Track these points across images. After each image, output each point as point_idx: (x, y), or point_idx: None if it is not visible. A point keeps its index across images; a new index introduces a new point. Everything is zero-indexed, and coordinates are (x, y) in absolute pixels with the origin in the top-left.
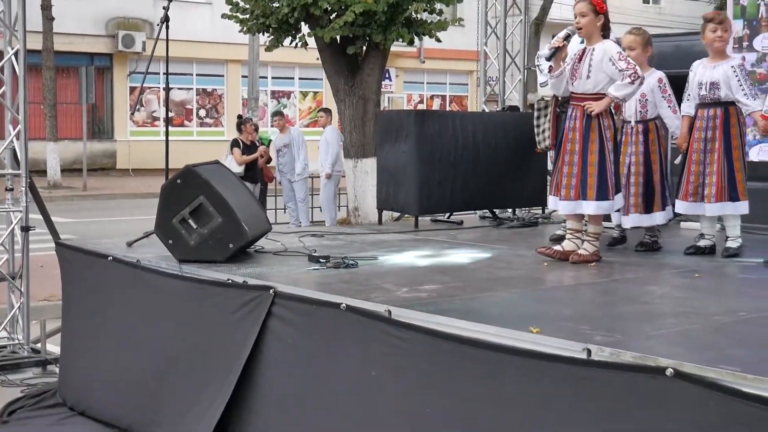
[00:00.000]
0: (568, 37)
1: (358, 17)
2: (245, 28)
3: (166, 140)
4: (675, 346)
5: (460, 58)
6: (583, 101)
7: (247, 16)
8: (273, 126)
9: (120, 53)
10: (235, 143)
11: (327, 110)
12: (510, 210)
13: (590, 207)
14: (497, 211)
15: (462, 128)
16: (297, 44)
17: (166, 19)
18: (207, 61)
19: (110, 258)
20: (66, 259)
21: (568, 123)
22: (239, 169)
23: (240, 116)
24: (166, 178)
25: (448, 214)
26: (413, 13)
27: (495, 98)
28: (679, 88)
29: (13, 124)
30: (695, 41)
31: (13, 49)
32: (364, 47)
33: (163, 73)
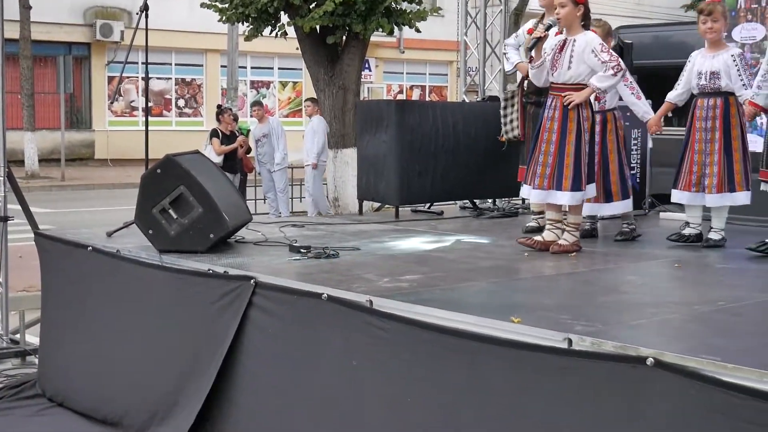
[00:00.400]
0: (549, 28)
1: (338, 7)
2: (224, 18)
3: (146, 130)
4: (655, 335)
5: (439, 49)
6: (563, 91)
7: (226, 6)
8: (252, 116)
9: (98, 42)
10: (214, 133)
11: (314, 100)
12: (490, 200)
13: (564, 197)
14: (477, 202)
15: (442, 118)
16: (276, 34)
17: (145, 8)
18: (186, 50)
19: (90, 248)
20: (45, 249)
21: (546, 112)
22: (218, 159)
23: (219, 106)
24: (145, 168)
25: (428, 205)
26: (393, 3)
27: (475, 88)
28: (659, 78)
29: None
30: (673, 32)
31: None
32: (344, 37)
33: (141, 63)
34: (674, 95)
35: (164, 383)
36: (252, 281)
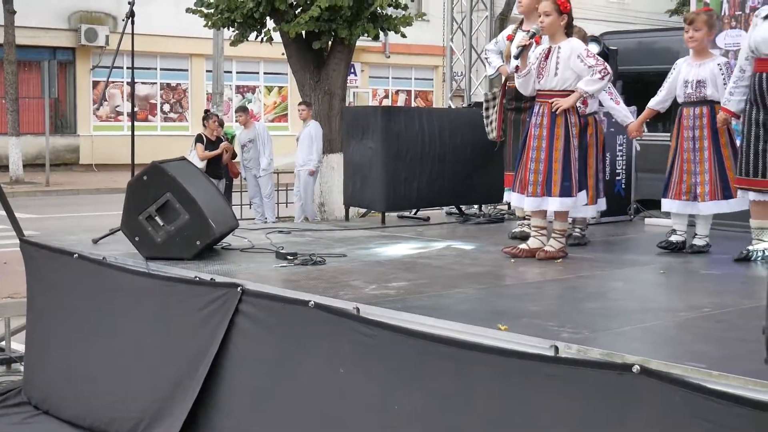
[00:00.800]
0: (533, 36)
1: (324, 12)
2: (210, 23)
3: (132, 135)
4: (641, 342)
5: (425, 53)
6: (550, 98)
7: (211, 11)
8: (237, 122)
9: (83, 47)
10: (199, 138)
11: (308, 103)
12: (476, 206)
13: (555, 203)
14: (463, 207)
15: (428, 124)
16: (262, 39)
17: (131, 14)
18: (171, 55)
19: (76, 255)
20: (31, 256)
21: (534, 120)
22: (201, 164)
23: (207, 111)
24: (131, 172)
25: (414, 210)
26: (378, 9)
27: (461, 93)
28: (644, 84)
29: None
30: (658, 38)
31: None
32: (330, 42)
33: (127, 68)
34: (656, 102)
35: (151, 390)
36: (239, 288)
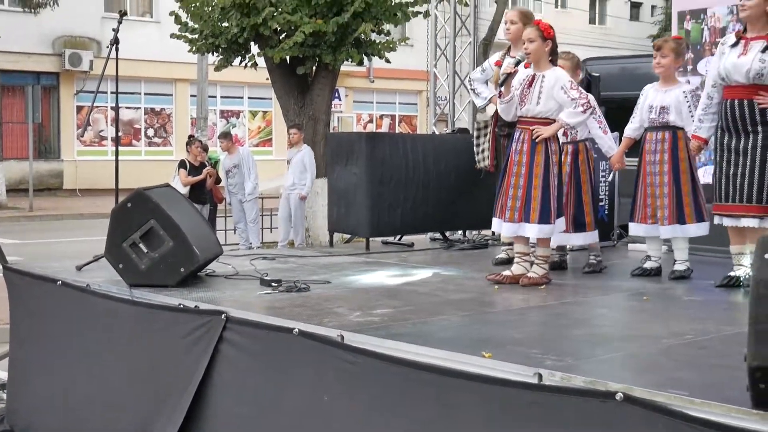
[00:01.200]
0: (518, 63)
1: (308, 38)
2: (194, 48)
3: (116, 160)
4: (625, 369)
5: (409, 78)
6: (531, 125)
7: (196, 36)
8: (220, 148)
9: (67, 72)
10: (182, 164)
11: (299, 126)
12: (460, 232)
13: (533, 230)
14: (447, 233)
15: (412, 150)
16: (246, 64)
17: (115, 41)
18: (155, 80)
19: (59, 282)
20: (14, 283)
21: (515, 146)
22: (184, 190)
23: (191, 136)
24: (115, 198)
25: (398, 236)
26: (362, 35)
27: (445, 118)
28: (626, 110)
29: None
30: (640, 63)
31: None
32: (314, 67)
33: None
34: (632, 129)
35: (135, 418)
36: (223, 316)
